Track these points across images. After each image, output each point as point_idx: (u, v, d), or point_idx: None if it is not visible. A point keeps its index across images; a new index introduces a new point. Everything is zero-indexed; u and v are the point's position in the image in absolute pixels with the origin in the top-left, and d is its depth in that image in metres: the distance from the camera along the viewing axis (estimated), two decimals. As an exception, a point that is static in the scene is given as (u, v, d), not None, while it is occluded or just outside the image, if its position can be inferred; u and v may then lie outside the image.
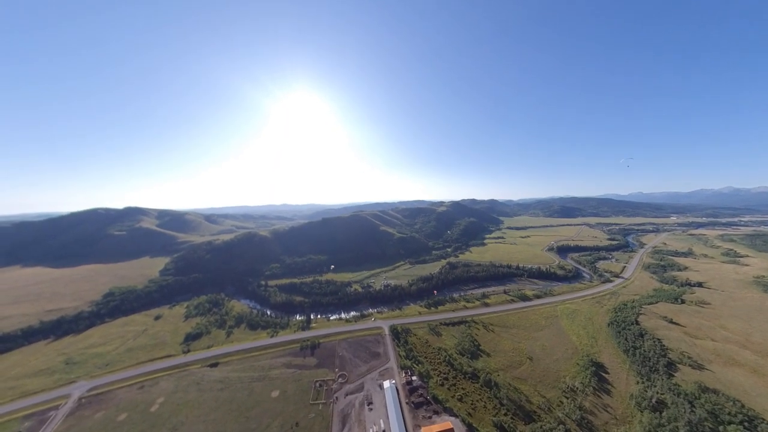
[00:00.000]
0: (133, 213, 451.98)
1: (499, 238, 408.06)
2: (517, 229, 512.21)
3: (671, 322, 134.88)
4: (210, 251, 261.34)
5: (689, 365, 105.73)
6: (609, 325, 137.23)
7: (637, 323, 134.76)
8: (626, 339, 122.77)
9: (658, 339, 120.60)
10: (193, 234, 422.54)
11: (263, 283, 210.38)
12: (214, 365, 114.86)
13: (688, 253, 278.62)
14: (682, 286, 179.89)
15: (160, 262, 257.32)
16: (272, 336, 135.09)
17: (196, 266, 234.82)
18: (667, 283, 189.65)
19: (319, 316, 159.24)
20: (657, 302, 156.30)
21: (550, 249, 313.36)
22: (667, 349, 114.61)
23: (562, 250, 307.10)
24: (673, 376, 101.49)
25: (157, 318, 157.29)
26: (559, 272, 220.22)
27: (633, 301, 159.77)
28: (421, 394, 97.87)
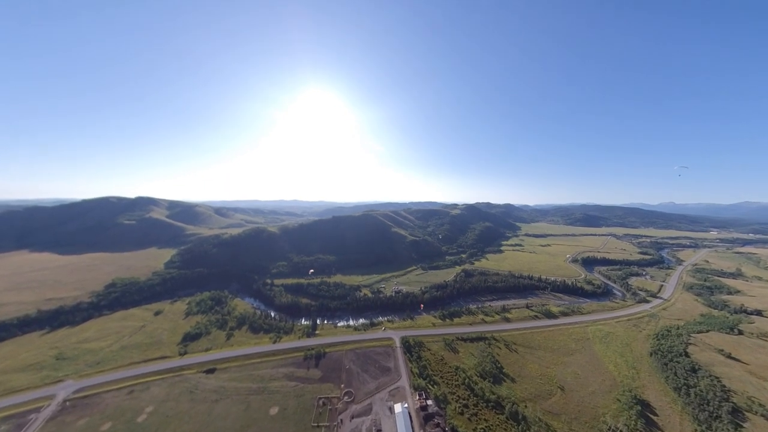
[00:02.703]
0: (144, 203, 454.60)
1: (516, 245, 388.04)
2: (536, 236, 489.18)
3: (730, 357, 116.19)
4: (217, 245, 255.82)
5: (761, 415, 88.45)
6: (651, 354, 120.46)
7: (687, 355, 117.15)
8: (675, 374, 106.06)
9: (717, 377, 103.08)
10: (202, 226, 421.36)
11: (269, 281, 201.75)
12: (210, 371, 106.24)
13: (737, 274, 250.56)
14: (736, 313, 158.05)
15: (167, 254, 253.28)
16: (275, 341, 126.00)
17: (202, 260, 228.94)
18: (716, 308, 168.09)
19: (325, 322, 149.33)
20: (708, 331, 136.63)
21: (575, 260, 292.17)
22: (729, 390, 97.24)
23: (588, 263, 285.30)
24: (742, 426, 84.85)
25: (157, 313, 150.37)
26: (587, 287, 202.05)
27: (678, 327, 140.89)
28: (438, 423, 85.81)
